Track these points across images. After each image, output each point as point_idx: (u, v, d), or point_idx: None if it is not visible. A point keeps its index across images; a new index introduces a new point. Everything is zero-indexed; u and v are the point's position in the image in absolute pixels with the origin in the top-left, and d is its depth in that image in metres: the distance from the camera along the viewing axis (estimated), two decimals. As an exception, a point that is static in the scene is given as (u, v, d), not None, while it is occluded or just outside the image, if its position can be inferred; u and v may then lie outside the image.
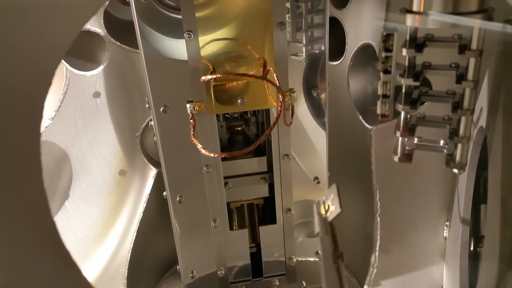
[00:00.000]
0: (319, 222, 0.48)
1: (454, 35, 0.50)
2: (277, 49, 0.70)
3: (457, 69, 0.52)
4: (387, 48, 0.52)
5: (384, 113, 0.56)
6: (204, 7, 0.68)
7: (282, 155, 0.79)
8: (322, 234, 0.47)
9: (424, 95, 0.56)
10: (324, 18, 0.76)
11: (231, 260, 0.87)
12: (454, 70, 0.52)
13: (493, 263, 0.62)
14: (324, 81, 0.81)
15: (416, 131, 0.58)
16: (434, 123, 0.57)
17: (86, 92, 0.92)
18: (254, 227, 0.89)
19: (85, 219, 0.97)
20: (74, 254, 0.51)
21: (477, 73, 0.49)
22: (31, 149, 0.41)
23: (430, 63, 0.54)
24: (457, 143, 0.54)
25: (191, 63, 0.69)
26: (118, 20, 0.93)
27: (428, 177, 0.87)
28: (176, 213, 0.82)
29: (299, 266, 0.90)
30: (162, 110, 0.75)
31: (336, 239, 0.46)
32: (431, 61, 0.54)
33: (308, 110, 0.88)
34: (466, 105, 0.51)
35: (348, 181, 0.93)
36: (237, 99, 0.72)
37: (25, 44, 0.42)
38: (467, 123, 0.53)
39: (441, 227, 0.90)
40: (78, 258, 0.53)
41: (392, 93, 0.55)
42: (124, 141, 0.99)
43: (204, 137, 0.74)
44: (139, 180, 1.04)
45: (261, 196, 0.86)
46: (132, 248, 0.99)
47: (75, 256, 0.52)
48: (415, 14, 0.47)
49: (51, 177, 0.92)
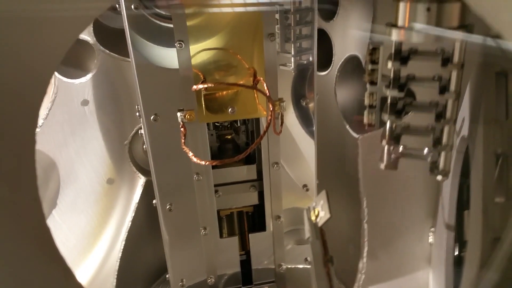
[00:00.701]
0: (310, 227, 0.49)
1: (437, 49, 0.52)
2: (267, 60, 0.71)
3: (440, 81, 0.54)
4: (373, 61, 0.54)
5: (370, 122, 0.58)
6: (195, 17, 0.69)
7: (271, 163, 0.80)
8: (312, 239, 0.48)
9: (408, 106, 0.58)
10: (312, 29, 0.78)
11: (221, 268, 0.88)
12: (437, 82, 0.54)
13: (475, 267, 0.63)
14: (313, 90, 0.83)
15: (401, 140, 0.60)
16: (418, 132, 0.59)
17: (74, 100, 0.92)
18: (243, 235, 0.90)
19: (73, 228, 0.97)
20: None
21: (459, 84, 0.51)
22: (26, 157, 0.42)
23: (414, 75, 0.56)
24: (440, 151, 0.56)
25: (182, 72, 0.70)
26: (108, 28, 0.93)
27: (414, 185, 0.89)
28: (166, 221, 0.82)
29: (289, 273, 0.91)
30: (152, 119, 0.75)
31: (326, 244, 0.48)
32: (415, 73, 0.56)
33: (297, 119, 0.89)
34: (449, 115, 0.53)
35: (336, 189, 0.95)
36: (228, 108, 0.73)
37: (20, 53, 0.42)
38: (450, 132, 0.55)
39: (427, 233, 0.91)
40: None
41: (378, 104, 0.57)
42: (112, 149, 0.99)
43: (195, 145, 0.74)
44: (127, 188, 1.04)
45: (251, 203, 0.87)
46: (121, 257, 0.99)
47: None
48: (400, 28, 0.49)
49: (38, 185, 0.91)
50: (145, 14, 0.76)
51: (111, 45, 0.91)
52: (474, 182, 0.66)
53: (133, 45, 0.72)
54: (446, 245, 0.79)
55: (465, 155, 0.72)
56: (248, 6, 0.70)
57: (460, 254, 0.79)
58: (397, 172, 0.81)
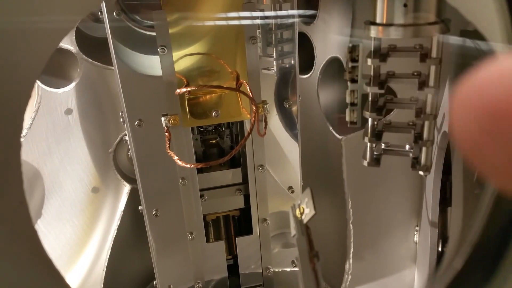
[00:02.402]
0: (295, 224, 0.50)
1: (415, 45, 0.54)
2: (249, 62, 0.72)
3: (419, 77, 0.55)
4: (353, 59, 0.55)
5: (352, 120, 0.58)
6: (177, 23, 0.70)
7: (256, 166, 0.80)
8: (298, 235, 0.49)
9: (389, 103, 0.59)
10: (293, 33, 0.79)
11: (208, 273, 0.87)
12: (417, 77, 0.55)
13: (455, 264, 0.64)
14: (295, 94, 0.84)
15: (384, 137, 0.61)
16: (400, 128, 0.60)
17: (58, 109, 0.91)
18: (230, 239, 0.90)
19: (58, 238, 0.95)
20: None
21: (437, 79, 0.53)
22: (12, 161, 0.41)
23: (394, 72, 0.57)
24: (421, 146, 0.57)
25: (166, 77, 0.70)
26: (90, 37, 0.93)
27: (398, 184, 0.90)
28: (152, 227, 0.82)
29: (276, 276, 0.91)
30: (137, 124, 0.75)
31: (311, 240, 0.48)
32: (394, 70, 0.57)
33: (281, 122, 0.90)
34: (429, 110, 0.55)
35: (321, 190, 0.96)
36: (212, 111, 0.74)
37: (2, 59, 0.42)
38: (430, 127, 0.56)
39: (412, 232, 0.93)
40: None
41: (359, 101, 0.58)
42: (97, 158, 0.99)
43: (180, 150, 0.75)
44: (112, 197, 1.03)
45: (237, 207, 0.87)
46: (107, 266, 0.97)
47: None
48: (378, 25, 0.50)
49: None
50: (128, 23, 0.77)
51: (94, 54, 0.91)
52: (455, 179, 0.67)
53: (116, 53, 0.72)
54: (430, 242, 0.80)
55: (448, 151, 0.74)
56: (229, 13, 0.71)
57: (444, 250, 0.80)
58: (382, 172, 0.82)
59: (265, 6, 0.79)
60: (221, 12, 0.71)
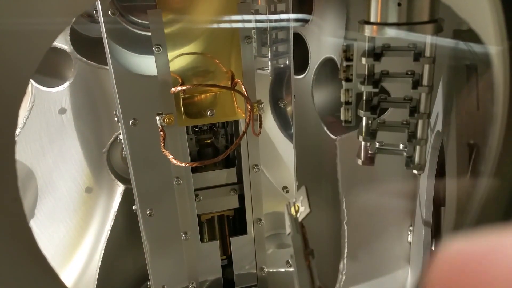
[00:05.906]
0: (290, 222, 0.50)
1: (409, 44, 0.54)
2: (244, 62, 0.72)
3: (413, 76, 0.56)
4: (348, 58, 0.56)
5: (347, 119, 0.59)
6: (172, 22, 0.70)
7: (251, 165, 0.80)
8: (293, 233, 0.49)
9: (383, 102, 0.59)
10: (288, 34, 0.79)
11: (202, 273, 0.87)
12: (410, 77, 0.56)
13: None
14: (290, 94, 0.84)
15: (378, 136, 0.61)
16: (394, 127, 0.60)
17: (51, 109, 0.91)
18: (225, 239, 0.90)
19: (52, 238, 0.95)
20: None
21: (431, 78, 0.53)
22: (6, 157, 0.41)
23: (388, 71, 0.58)
24: (415, 145, 0.58)
25: (160, 76, 0.70)
26: (84, 37, 0.93)
27: (392, 185, 0.91)
28: (146, 227, 0.82)
29: (270, 277, 0.91)
30: (131, 123, 0.75)
31: (306, 238, 0.48)
32: (388, 70, 0.58)
33: (275, 122, 0.90)
34: (423, 109, 0.55)
35: (315, 190, 0.96)
36: (207, 111, 0.74)
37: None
38: (424, 126, 0.56)
39: (406, 232, 0.93)
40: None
41: (354, 100, 0.58)
42: (90, 158, 0.98)
43: (174, 149, 0.74)
44: (106, 197, 1.02)
45: (232, 207, 0.87)
46: (100, 266, 0.97)
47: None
48: (373, 24, 0.51)
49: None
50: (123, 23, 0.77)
51: (88, 53, 0.90)
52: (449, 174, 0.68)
53: (111, 53, 0.72)
54: (424, 241, 0.80)
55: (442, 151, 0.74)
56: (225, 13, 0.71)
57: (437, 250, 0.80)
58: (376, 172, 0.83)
59: (260, 6, 0.79)
60: (216, 12, 0.71)
